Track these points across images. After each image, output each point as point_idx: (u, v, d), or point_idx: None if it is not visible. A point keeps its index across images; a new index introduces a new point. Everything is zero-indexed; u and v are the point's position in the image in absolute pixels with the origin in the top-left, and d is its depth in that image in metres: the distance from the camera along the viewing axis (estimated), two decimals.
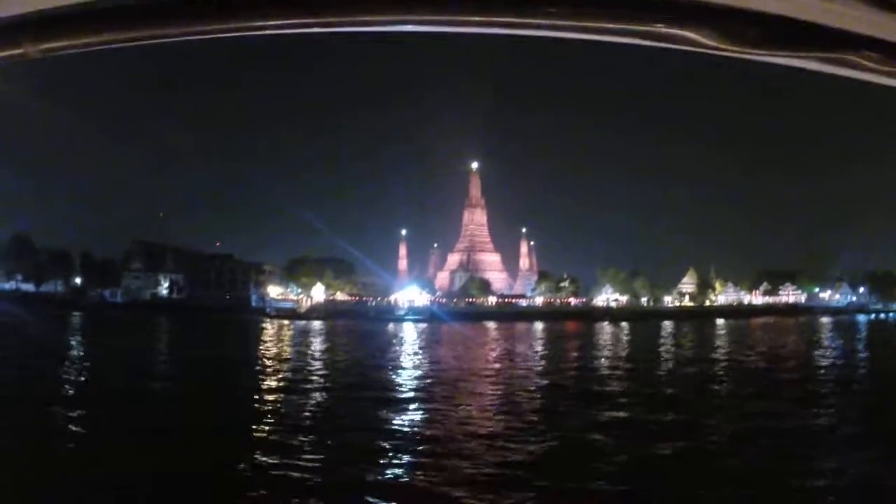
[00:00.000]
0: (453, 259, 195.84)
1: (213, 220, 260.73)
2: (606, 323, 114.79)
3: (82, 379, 37.92)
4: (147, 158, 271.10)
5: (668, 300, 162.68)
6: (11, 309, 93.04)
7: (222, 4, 1.38)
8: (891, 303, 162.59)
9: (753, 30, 1.32)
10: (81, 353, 52.71)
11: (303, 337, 76.07)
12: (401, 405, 29.64)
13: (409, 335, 79.90)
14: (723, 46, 1.25)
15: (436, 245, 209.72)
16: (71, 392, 33.11)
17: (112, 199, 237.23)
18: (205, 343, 63.31)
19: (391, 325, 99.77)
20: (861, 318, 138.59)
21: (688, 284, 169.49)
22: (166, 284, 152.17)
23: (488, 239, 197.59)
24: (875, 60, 1.40)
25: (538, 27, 1.39)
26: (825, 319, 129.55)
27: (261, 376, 40.49)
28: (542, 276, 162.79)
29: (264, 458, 19.69)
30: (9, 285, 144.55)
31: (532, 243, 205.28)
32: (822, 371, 45.43)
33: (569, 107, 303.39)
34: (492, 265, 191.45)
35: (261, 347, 61.35)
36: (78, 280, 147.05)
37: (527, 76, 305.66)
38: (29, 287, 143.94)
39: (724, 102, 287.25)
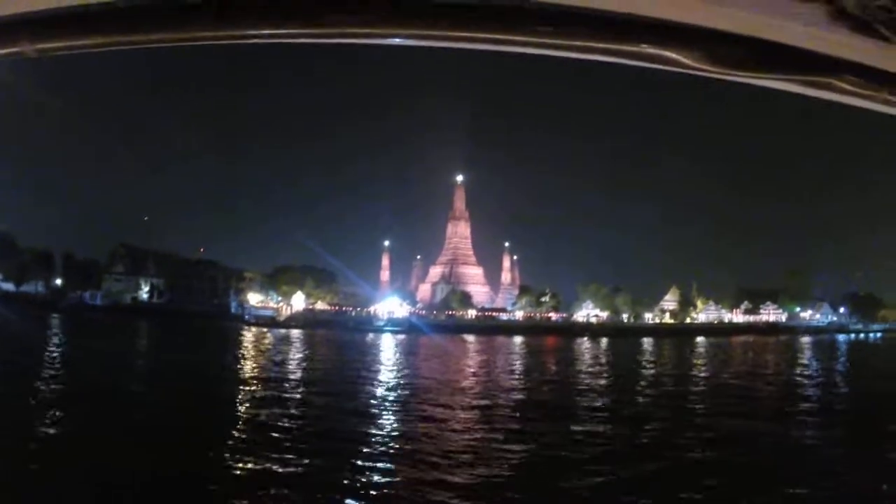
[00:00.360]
0: (435, 271, 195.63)
1: (201, 225, 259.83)
2: (585, 338, 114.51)
3: (50, 379, 37.66)
4: (138, 161, 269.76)
5: (650, 317, 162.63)
6: None
7: (218, 12, 1.27)
8: (871, 323, 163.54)
9: (736, 52, 1.32)
10: (55, 355, 52.13)
11: (278, 346, 75.78)
12: (365, 417, 29.47)
13: (386, 346, 79.62)
14: (706, 67, 1.25)
15: (419, 257, 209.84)
16: (37, 393, 32.77)
17: (103, 202, 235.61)
18: (176, 349, 63.66)
19: (370, 336, 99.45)
20: (841, 337, 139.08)
21: (670, 301, 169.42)
22: (147, 288, 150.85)
23: (471, 252, 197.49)
24: (854, 84, 1.40)
25: (525, 44, 1.39)
26: (806, 339, 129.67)
27: (227, 384, 40.41)
28: (523, 290, 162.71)
29: (230, 464, 19.72)
30: None
31: (515, 257, 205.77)
32: (802, 391, 45.22)
33: (555, 122, 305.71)
34: (474, 278, 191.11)
35: (232, 355, 60.96)
36: (59, 281, 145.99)
37: (513, 90, 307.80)
38: (9, 287, 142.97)
39: (710, 121, 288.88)
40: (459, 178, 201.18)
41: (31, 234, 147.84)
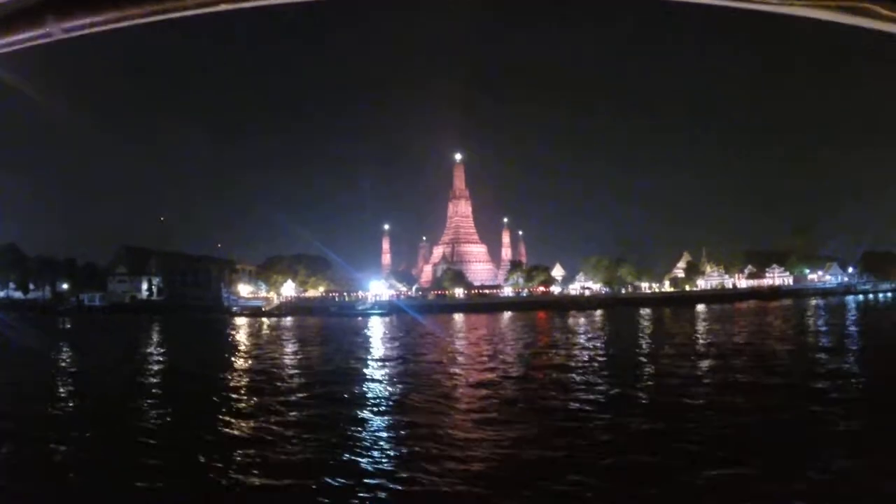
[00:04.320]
0: (438, 252, 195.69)
1: (203, 219, 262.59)
2: (576, 311, 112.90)
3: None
4: (142, 163, 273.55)
5: (655, 286, 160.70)
6: None
7: None
8: (881, 283, 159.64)
9: None
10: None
11: (242, 334, 76.16)
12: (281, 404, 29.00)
13: (352, 329, 78.74)
14: None
15: (424, 238, 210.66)
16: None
17: (107, 205, 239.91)
18: (149, 341, 66.26)
19: (348, 320, 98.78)
20: (849, 299, 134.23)
21: (681, 270, 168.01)
22: (146, 287, 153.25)
23: (473, 230, 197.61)
24: (891, 8, 1.32)
25: None
26: (813, 302, 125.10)
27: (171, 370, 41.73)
28: (514, 265, 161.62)
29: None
30: (2, 293, 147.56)
31: (521, 233, 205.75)
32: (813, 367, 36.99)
33: (553, 95, 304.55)
34: (476, 256, 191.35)
35: (193, 344, 63.32)
36: (65, 286, 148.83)
37: (506, 65, 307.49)
38: (18, 294, 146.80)
39: (712, 83, 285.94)
40: (458, 156, 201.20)
41: (37, 242, 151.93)
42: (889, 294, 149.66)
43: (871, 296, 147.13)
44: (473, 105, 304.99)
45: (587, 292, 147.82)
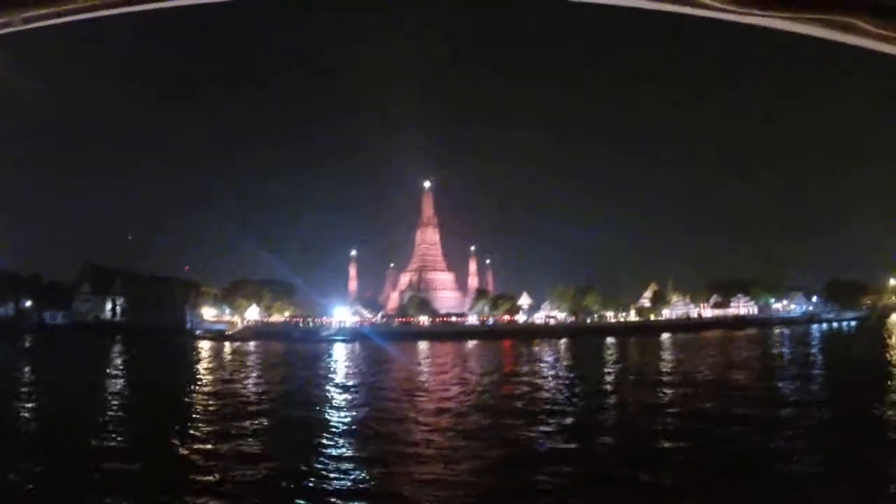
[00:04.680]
0: (405, 279, 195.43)
1: (175, 242, 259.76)
2: (540, 340, 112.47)
3: None
4: (113, 180, 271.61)
5: (620, 315, 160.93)
6: None
7: None
8: (845, 311, 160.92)
9: None
10: None
11: (207, 357, 75.41)
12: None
13: (317, 355, 78.22)
14: (728, 7, 1.22)
15: (392, 265, 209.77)
16: None
17: (77, 222, 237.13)
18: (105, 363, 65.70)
19: (315, 346, 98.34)
20: (814, 328, 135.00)
21: (647, 299, 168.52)
22: (110, 307, 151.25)
23: (440, 258, 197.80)
24: (877, 25, 1.31)
25: None
26: (777, 331, 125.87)
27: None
28: (480, 293, 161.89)
29: None
30: None
31: (488, 261, 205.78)
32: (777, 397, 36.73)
33: (525, 122, 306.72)
34: (443, 284, 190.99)
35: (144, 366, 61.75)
36: (29, 303, 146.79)
37: (479, 90, 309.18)
38: None
39: (679, 114, 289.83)
40: (427, 183, 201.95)
41: (2, 257, 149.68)
42: (853, 322, 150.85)
43: (834, 324, 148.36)
44: (444, 131, 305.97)
45: (552, 321, 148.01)
